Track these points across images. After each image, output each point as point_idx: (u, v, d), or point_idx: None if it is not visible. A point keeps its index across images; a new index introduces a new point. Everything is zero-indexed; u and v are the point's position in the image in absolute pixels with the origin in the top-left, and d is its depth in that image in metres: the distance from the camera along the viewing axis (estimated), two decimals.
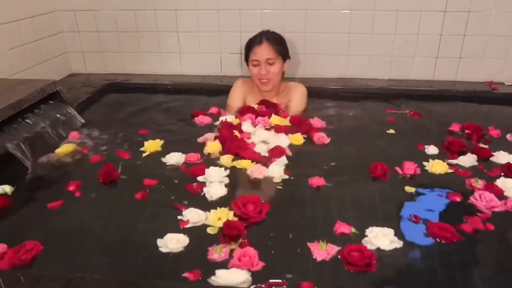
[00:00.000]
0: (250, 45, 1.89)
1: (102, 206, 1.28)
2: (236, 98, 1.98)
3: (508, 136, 1.69)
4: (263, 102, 1.94)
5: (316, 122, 1.79)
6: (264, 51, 1.85)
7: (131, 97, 2.21)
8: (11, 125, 1.55)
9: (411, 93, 2.15)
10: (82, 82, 2.33)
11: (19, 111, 1.57)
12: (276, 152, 1.52)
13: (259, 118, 1.81)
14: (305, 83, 2.22)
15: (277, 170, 1.38)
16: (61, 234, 1.14)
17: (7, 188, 1.35)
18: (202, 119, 1.85)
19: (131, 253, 1.06)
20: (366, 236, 1.08)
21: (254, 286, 0.93)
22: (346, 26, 2.20)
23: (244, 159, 1.48)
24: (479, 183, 1.31)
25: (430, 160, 1.45)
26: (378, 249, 1.05)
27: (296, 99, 1.97)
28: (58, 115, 1.72)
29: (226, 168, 1.43)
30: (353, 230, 1.11)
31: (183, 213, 1.18)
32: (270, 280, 0.95)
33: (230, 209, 1.19)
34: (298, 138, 1.65)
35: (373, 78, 2.28)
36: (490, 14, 2.09)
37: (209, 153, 1.56)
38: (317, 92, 2.16)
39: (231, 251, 1.03)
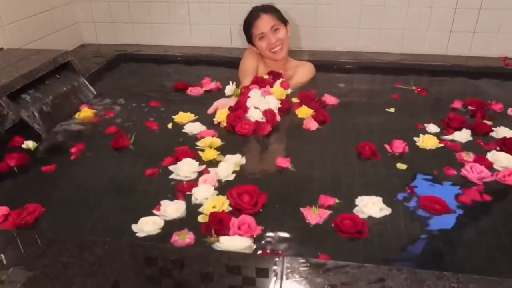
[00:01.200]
0: (250, 22, 1.90)
1: (103, 171, 1.34)
2: (251, 63, 1.95)
3: (509, 110, 1.68)
4: (271, 73, 1.94)
5: (329, 98, 1.78)
6: (265, 21, 1.86)
7: (142, 68, 2.24)
8: (25, 95, 1.59)
9: (421, 68, 2.12)
10: (93, 52, 2.35)
11: (32, 81, 1.61)
12: (269, 116, 1.57)
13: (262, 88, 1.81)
14: (315, 56, 2.22)
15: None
16: (61, 196, 1.22)
17: (30, 144, 1.45)
18: (193, 91, 1.89)
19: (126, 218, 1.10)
20: (357, 205, 1.12)
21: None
22: None
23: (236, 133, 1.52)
24: (470, 156, 1.34)
25: (421, 135, 1.46)
26: (370, 217, 1.09)
27: (301, 71, 1.99)
28: (70, 85, 1.76)
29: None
30: (337, 200, 1.14)
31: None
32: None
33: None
34: (304, 111, 1.64)
35: (384, 52, 2.25)
36: None
37: (219, 122, 1.59)
38: (327, 65, 2.16)
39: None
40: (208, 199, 1.14)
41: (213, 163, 1.32)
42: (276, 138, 1.54)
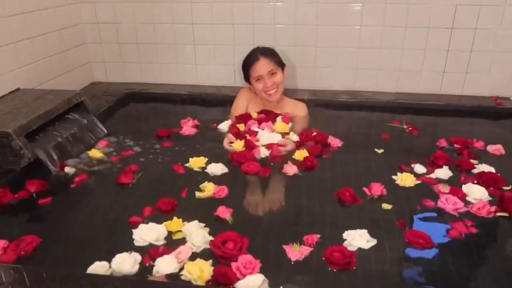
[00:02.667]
0: (249, 64, 2.01)
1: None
2: (239, 105, 2.11)
3: (489, 148, 1.76)
4: (263, 112, 2.04)
5: (334, 141, 1.80)
6: (263, 65, 1.97)
7: (150, 106, 2.35)
8: (40, 133, 1.68)
9: (416, 106, 2.22)
10: (103, 90, 2.46)
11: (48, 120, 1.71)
12: (274, 150, 1.72)
13: (264, 124, 1.93)
14: (315, 95, 2.33)
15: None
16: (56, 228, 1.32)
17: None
18: (186, 131, 1.97)
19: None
20: (345, 239, 1.20)
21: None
22: (356, 41, 2.29)
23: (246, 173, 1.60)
24: (446, 188, 1.43)
25: (399, 174, 1.53)
26: (359, 249, 1.17)
27: (301, 119, 2.08)
28: (82, 124, 1.85)
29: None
30: (319, 235, 1.21)
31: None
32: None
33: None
34: (301, 154, 1.69)
35: (381, 91, 2.36)
36: (497, 31, 2.15)
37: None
38: (326, 104, 2.26)
39: None
40: (187, 270, 1.08)
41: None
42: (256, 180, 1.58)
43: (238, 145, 1.76)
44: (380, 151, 1.75)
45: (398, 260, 1.15)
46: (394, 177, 1.53)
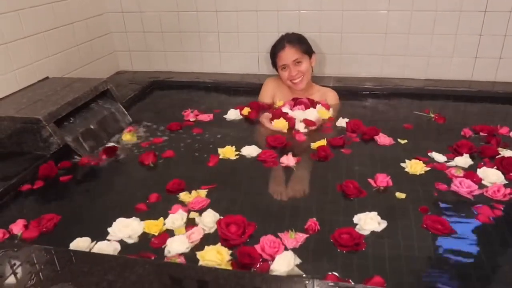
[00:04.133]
0: (275, 52, 1.99)
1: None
2: (265, 95, 2.11)
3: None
4: (296, 99, 2.01)
5: (383, 139, 1.69)
6: (289, 54, 1.93)
7: (174, 94, 2.36)
8: (68, 120, 1.71)
9: (446, 93, 2.15)
10: (128, 79, 2.49)
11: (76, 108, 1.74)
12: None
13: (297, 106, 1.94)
14: (340, 82, 2.28)
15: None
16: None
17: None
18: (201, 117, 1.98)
19: None
20: (356, 224, 1.18)
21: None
22: (383, 26, 2.23)
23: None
24: (460, 172, 1.40)
25: (407, 161, 1.48)
26: (373, 232, 1.16)
27: (333, 107, 2.03)
28: (108, 112, 1.87)
29: None
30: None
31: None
32: None
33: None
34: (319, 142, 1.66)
35: (410, 78, 2.29)
36: None
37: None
38: (352, 91, 2.22)
39: None
40: (205, 251, 1.09)
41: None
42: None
43: (280, 124, 1.79)
44: (404, 141, 1.68)
45: (412, 245, 1.13)
46: (402, 164, 1.48)
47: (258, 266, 1.04)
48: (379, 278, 1.01)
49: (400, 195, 1.32)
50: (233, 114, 1.99)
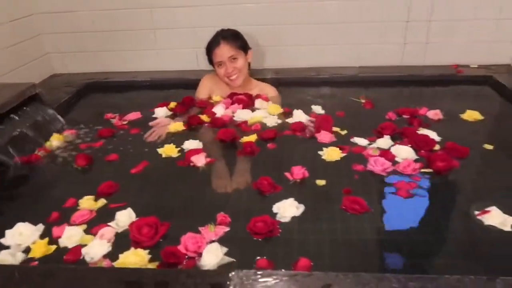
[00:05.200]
0: (210, 49, 1.98)
1: None
2: (201, 92, 2.11)
3: (430, 113, 1.81)
4: (233, 95, 2.02)
5: (324, 137, 1.64)
6: (224, 51, 1.93)
7: (111, 95, 2.30)
8: None
9: (379, 79, 2.24)
10: (64, 82, 2.40)
11: (1, 114, 1.66)
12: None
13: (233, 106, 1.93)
14: (279, 74, 2.32)
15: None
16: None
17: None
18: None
19: None
20: (276, 213, 1.21)
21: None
22: (318, 16, 2.28)
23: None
24: (376, 152, 1.48)
25: (324, 149, 1.52)
26: (294, 217, 1.19)
27: (274, 100, 2.05)
28: (38, 117, 1.80)
29: None
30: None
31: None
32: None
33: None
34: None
35: (344, 66, 2.36)
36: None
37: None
38: (290, 82, 2.26)
39: None
40: (124, 257, 1.06)
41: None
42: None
43: (175, 126, 1.76)
44: (344, 132, 1.69)
45: (333, 227, 1.17)
46: (320, 152, 1.52)
47: (184, 263, 1.05)
48: (305, 260, 1.04)
49: (320, 182, 1.35)
50: (161, 112, 1.94)
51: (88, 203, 1.30)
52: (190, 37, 2.38)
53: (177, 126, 1.79)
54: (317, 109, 1.90)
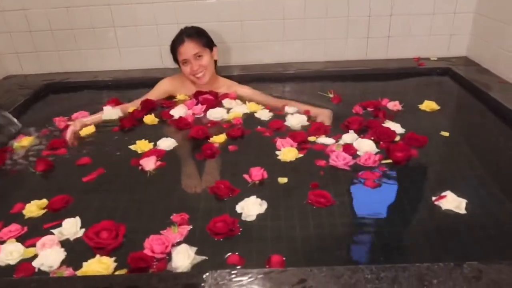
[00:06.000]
0: (174, 47, 1.94)
1: None
2: (153, 94, 2.02)
3: (390, 105, 1.85)
4: (199, 93, 1.99)
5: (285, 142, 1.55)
6: (188, 49, 1.90)
7: (73, 96, 2.20)
8: None
9: (344, 74, 2.26)
10: (19, 84, 2.28)
11: None
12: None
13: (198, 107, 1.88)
14: (245, 70, 2.30)
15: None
16: None
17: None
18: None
19: None
20: (241, 213, 1.19)
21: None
22: (280, 12, 2.27)
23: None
24: (339, 148, 1.48)
25: (282, 149, 1.48)
26: (258, 215, 1.18)
27: (247, 88, 2.04)
28: None
29: None
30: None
31: None
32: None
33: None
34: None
35: (310, 61, 2.37)
36: None
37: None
38: (257, 78, 2.24)
39: None
40: (87, 265, 1.02)
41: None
42: None
43: (86, 130, 1.71)
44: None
45: (302, 222, 1.16)
46: (277, 152, 1.48)
47: (154, 267, 1.01)
48: (278, 257, 1.02)
49: (282, 179, 1.33)
50: (111, 113, 1.85)
51: (32, 209, 1.24)
52: (153, 34, 2.32)
53: (88, 130, 1.73)
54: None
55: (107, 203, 1.29)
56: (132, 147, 1.57)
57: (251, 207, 1.20)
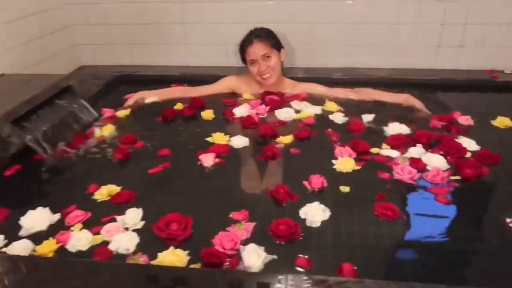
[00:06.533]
0: (243, 47, 1.98)
1: None
2: (216, 88, 2.11)
3: (461, 119, 1.76)
4: (267, 93, 2.00)
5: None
6: (257, 49, 1.92)
7: (141, 88, 2.28)
8: (27, 119, 1.63)
9: (411, 82, 2.19)
10: (92, 74, 2.40)
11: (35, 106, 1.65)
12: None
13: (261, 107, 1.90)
14: (309, 73, 2.29)
15: None
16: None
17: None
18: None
19: None
20: (305, 219, 1.18)
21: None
22: (350, 16, 2.24)
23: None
24: (406, 162, 1.43)
25: (339, 158, 1.45)
26: (322, 221, 1.17)
27: (314, 85, 2.07)
28: (71, 109, 1.80)
29: None
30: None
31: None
32: None
33: None
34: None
35: (375, 67, 2.32)
36: (491, 3, 2.11)
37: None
38: (321, 82, 2.21)
39: None
40: (162, 256, 1.06)
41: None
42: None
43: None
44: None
45: (365, 233, 1.15)
46: (333, 161, 1.45)
47: (228, 263, 1.03)
48: (349, 265, 1.02)
49: (344, 188, 1.31)
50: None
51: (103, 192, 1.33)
52: (221, 33, 2.36)
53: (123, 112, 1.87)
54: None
55: (167, 196, 1.35)
56: (209, 139, 1.63)
57: (315, 213, 1.20)
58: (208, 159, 1.48)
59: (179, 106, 1.96)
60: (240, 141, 1.60)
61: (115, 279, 0.92)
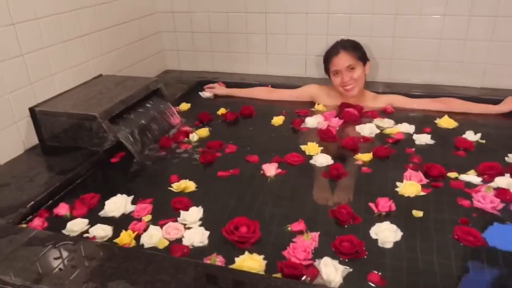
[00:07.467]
0: (328, 57, 1.97)
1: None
2: (298, 94, 2.17)
3: None
4: (345, 105, 1.98)
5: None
6: (342, 60, 1.91)
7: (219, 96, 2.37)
8: (122, 117, 1.76)
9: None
10: (176, 78, 2.53)
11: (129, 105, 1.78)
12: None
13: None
14: (389, 88, 2.22)
15: None
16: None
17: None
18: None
19: None
20: (376, 239, 1.16)
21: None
22: (438, 31, 2.15)
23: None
24: (490, 191, 1.32)
25: (405, 181, 1.39)
26: (394, 243, 1.15)
27: (397, 97, 2.05)
28: (159, 110, 1.91)
29: None
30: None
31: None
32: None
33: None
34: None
35: (464, 86, 2.19)
36: None
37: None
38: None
39: None
40: (242, 260, 1.09)
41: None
42: None
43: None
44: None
45: (443, 257, 1.10)
46: (398, 183, 1.39)
47: (307, 275, 1.04)
48: None
49: (418, 213, 1.26)
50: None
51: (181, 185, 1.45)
52: (301, 44, 2.38)
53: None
54: None
55: (227, 200, 1.40)
56: (302, 147, 1.66)
57: (387, 234, 1.16)
58: (270, 169, 1.52)
59: (222, 110, 2.06)
60: (322, 159, 1.57)
61: (199, 280, 0.96)
